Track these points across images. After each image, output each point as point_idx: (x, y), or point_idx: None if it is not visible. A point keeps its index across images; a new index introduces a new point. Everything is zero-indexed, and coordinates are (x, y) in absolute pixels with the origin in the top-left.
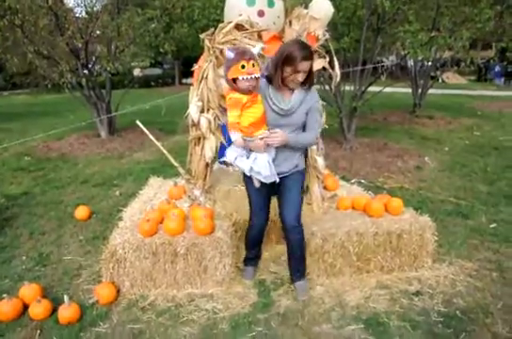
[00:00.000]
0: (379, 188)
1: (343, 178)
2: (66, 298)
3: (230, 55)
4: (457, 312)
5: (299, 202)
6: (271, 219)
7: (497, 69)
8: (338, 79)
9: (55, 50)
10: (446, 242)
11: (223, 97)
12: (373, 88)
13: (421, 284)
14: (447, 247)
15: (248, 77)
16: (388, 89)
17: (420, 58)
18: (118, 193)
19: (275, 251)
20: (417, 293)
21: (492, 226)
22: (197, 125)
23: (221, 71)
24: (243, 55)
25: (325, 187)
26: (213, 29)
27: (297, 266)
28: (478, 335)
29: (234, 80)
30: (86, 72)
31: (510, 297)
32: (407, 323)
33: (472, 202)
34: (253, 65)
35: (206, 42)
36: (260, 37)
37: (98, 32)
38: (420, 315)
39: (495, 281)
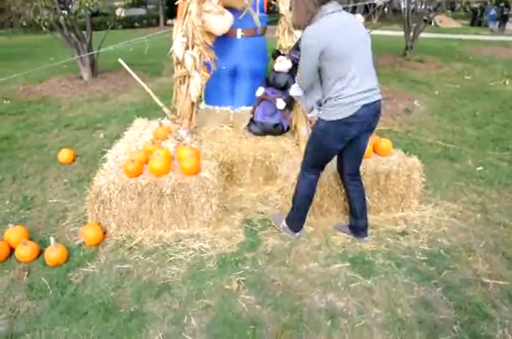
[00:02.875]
0: None
1: None
2: (52, 239)
3: None
4: (441, 250)
5: (304, 154)
6: (255, 158)
7: (492, 12)
8: None
9: None
10: (432, 184)
11: (207, 33)
12: None
13: (407, 225)
14: (433, 189)
15: None
16: (379, 32)
17: (413, 0)
18: (102, 136)
19: (262, 192)
20: (403, 233)
21: (478, 169)
22: (182, 63)
23: (206, 5)
24: None
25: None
26: None
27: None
28: (460, 272)
29: None
30: (64, 11)
31: (492, 236)
32: (392, 261)
33: (459, 146)
34: None
35: None
36: None
37: None
38: (405, 254)
39: (478, 221)
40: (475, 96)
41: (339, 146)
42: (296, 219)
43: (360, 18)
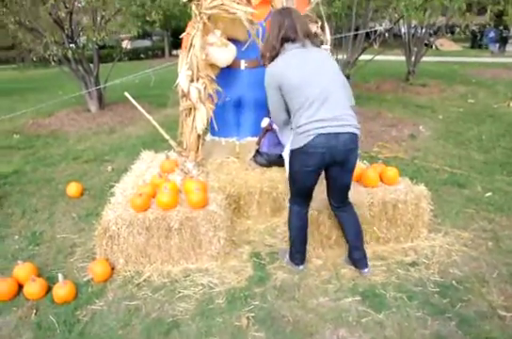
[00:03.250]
0: (374, 158)
1: None
2: (60, 276)
3: None
4: (453, 281)
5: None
6: (261, 190)
7: (491, 34)
8: (329, 44)
9: (37, 21)
10: (441, 212)
11: (211, 66)
12: (366, 57)
13: (417, 255)
14: (442, 216)
15: None
16: (381, 58)
17: (413, 25)
18: (110, 169)
19: (270, 224)
20: (413, 263)
21: (488, 195)
22: (187, 95)
23: (210, 38)
24: None
25: None
26: None
27: None
28: (474, 304)
29: None
30: (72, 45)
31: (505, 265)
32: (403, 294)
33: (467, 171)
34: None
35: (193, 8)
36: (249, 1)
37: (82, 2)
38: (416, 286)
39: (490, 250)
40: (480, 119)
41: (308, 177)
42: (296, 252)
43: (326, 48)
